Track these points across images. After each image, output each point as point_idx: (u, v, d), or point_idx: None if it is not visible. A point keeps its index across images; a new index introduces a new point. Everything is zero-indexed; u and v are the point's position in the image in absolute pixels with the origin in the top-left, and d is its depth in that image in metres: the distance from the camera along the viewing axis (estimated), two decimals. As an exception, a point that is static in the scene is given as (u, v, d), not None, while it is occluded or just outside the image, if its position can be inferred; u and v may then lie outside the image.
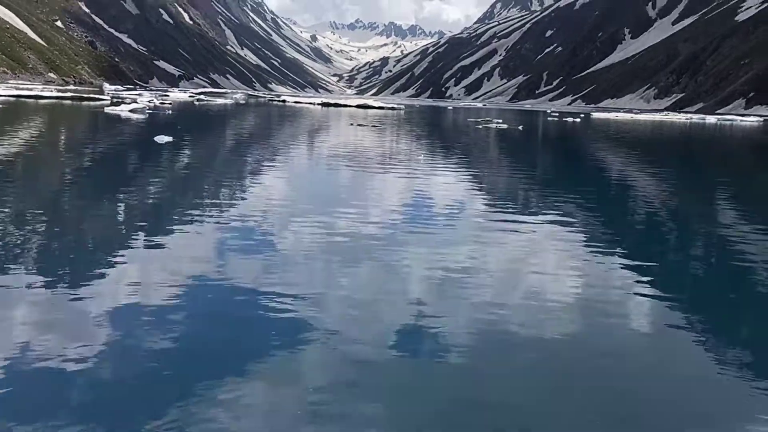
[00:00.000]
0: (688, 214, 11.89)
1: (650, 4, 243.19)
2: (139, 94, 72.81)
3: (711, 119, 73.21)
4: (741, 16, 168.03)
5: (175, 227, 8.50)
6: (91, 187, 12.06)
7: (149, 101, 50.61)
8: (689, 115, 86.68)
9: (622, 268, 7.45)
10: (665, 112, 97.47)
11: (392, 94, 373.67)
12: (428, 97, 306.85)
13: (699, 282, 7.29)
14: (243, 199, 11.24)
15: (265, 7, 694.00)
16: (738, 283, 7.15)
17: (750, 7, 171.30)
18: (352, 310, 5.65)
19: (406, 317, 5.49)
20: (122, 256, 7.03)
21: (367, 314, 5.58)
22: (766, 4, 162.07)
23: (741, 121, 69.83)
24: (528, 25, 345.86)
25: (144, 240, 7.76)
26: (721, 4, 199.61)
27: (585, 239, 8.86)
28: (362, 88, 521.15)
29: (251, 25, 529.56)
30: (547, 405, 4.14)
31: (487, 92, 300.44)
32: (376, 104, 69.62)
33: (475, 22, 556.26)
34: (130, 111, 36.68)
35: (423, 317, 5.50)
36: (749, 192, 16.13)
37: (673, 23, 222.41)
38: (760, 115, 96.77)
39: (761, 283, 7.08)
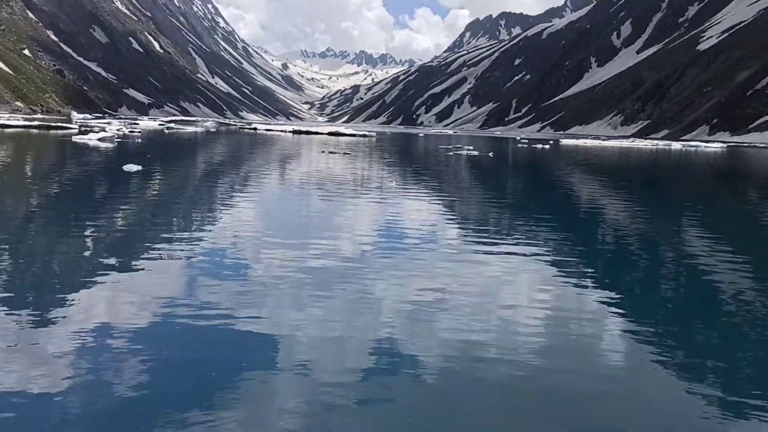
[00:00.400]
0: (658, 240, 11.99)
1: (615, 33, 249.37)
2: (107, 123, 72.16)
3: (676, 145, 74.73)
4: (702, 46, 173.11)
5: (143, 258, 8.31)
6: (57, 217, 11.78)
7: (118, 129, 50.14)
8: (655, 142, 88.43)
9: (594, 294, 7.48)
10: (632, 139, 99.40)
11: (364, 121, 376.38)
12: (399, 124, 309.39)
13: (671, 308, 7.30)
14: (213, 228, 11.07)
15: (236, 36, 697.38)
16: (708, 308, 7.18)
17: (711, 37, 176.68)
18: (325, 340, 5.58)
19: (379, 347, 5.43)
20: (89, 288, 6.86)
21: (339, 345, 5.50)
22: (725, 35, 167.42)
23: (705, 147, 71.41)
24: (497, 54, 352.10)
25: (111, 271, 7.56)
26: (682, 34, 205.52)
27: (557, 265, 8.86)
28: (334, 115, 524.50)
29: (222, 53, 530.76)
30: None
31: (457, 119, 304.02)
32: (347, 131, 69.86)
33: (445, 51, 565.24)
34: (99, 139, 36.25)
35: (397, 346, 5.46)
36: (717, 217, 16.38)
37: (638, 52, 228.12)
38: (724, 141, 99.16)
39: (731, 307, 7.12)
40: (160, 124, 77.47)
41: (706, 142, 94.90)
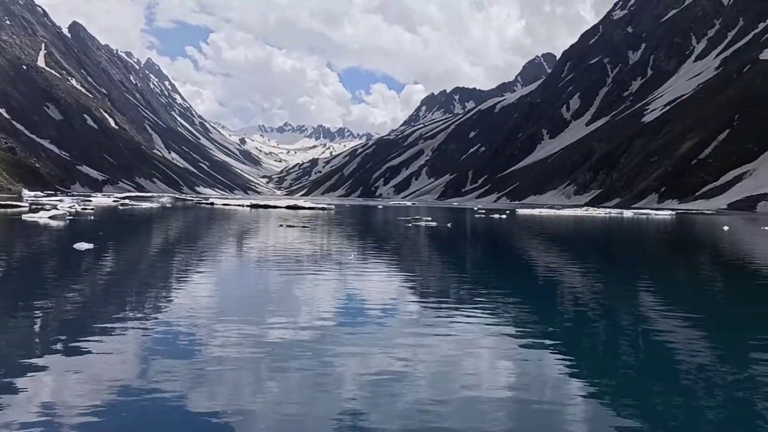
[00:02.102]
0: (614, 306, 12.00)
1: (564, 106, 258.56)
2: (59, 200, 70.84)
3: (628, 213, 76.55)
4: (647, 118, 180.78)
5: (94, 339, 7.96)
6: (1, 299, 11.26)
7: (70, 207, 49.21)
8: (608, 210, 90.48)
9: (554, 362, 7.49)
10: (585, 207, 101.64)
11: (322, 194, 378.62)
12: (358, 197, 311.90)
13: (630, 372, 7.21)
14: (168, 306, 10.71)
15: (194, 112, 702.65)
16: (667, 373, 7.12)
17: (654, 110, 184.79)
18: (285, 417, 5.47)
19: (341, 423, 5.34)
20: (37, 371, 6.57)
21: (300, 422, 5.39)
22: (668, 107, 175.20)
23: (655, 214, 73.28)
24: (452, 127, 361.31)
25: (61, 354, 7.24)
26: (628, 107, 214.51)
27: (518, 334, 8.81)
28: (292, 188, 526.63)
29: (179, 129, 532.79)
30: None
31: (415, 191, 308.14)
32: (306, 205, 69.84)
33: (402, 125, 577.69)
34: (50, 218, 35.41)
35: (358, 421, 5.38)
36: (669, 281, 16.58)
37: (587, 124, 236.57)
38: (672, 209, 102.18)
39: (688, 369, 7.08)
40: (114, 201, 76.35)
41: (656, 209, 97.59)
